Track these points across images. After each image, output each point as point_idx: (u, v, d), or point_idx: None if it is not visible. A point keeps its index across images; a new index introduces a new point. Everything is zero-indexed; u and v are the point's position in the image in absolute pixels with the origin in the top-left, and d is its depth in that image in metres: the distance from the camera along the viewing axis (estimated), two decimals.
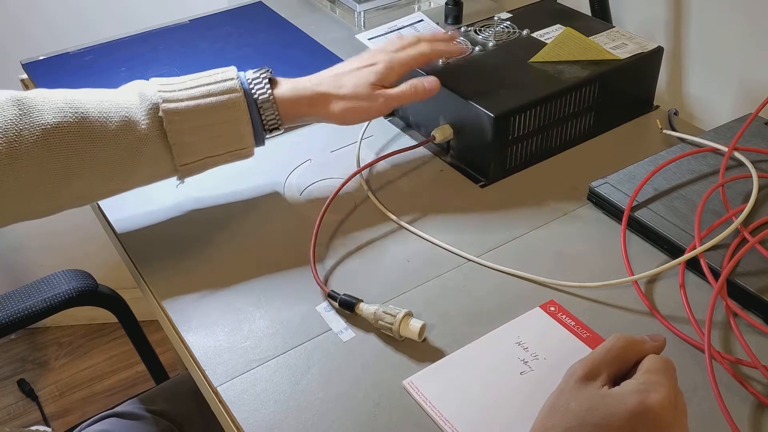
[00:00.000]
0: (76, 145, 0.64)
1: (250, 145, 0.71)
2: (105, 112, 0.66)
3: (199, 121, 0.68)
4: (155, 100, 0.67)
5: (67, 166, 0.64)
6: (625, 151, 0.84)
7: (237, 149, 0.71)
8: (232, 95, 0.69)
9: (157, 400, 0.91)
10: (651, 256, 0.70)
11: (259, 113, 0.70)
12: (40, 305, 0.93)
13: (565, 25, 0.91)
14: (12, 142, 0.62)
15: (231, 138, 0.70)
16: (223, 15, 1.13)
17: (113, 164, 0.66)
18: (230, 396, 0.58)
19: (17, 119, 0.63)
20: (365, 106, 0.73)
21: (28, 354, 1.78)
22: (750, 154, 0.77)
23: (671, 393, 0.44)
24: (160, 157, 0.68)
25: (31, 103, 0.64)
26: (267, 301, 0.67)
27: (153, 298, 0.69)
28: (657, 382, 0.45)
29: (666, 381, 0.45)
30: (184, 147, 0.68)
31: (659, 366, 0.46)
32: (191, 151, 0.69)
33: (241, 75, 0.71)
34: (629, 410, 0.43)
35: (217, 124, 0.68)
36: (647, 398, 0.43)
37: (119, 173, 0.67)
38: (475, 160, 0.81)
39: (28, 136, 0.63)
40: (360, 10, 1.09)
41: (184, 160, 0.69)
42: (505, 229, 0.74)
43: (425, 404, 0.57)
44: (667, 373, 0.46)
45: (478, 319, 0.64)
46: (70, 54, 1.03)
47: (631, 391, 0.44)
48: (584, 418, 0.44)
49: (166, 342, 0.81)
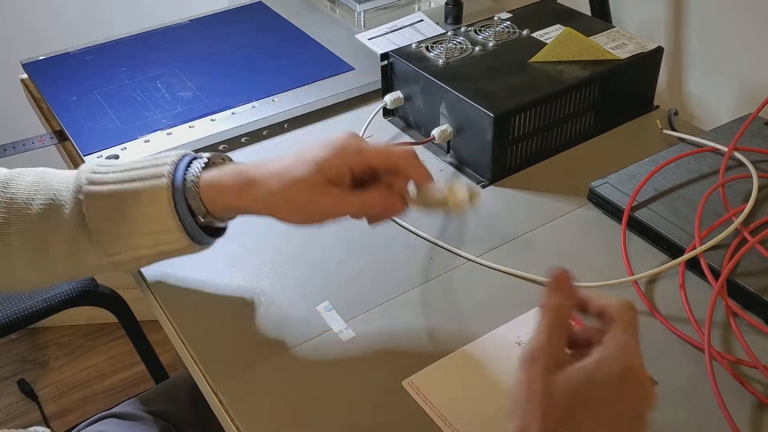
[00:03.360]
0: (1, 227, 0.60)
1: (178, 240, 0.60)
2: (32, 194, 0.61)
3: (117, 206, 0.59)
4: (82, 182, 0.60)
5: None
6: (625, 151, 0.84)
7: (165, 244, 0.60)
8: (156, 181, 0.59)
9: (155, 400, 0.91)
10: (651, 256, 0.70)
11: (186, 200, 0.59)
12: (40, 305, 0.93)
13: (565, 25, 0.91)
14: None
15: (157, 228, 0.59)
16: (223, 15, 1.13)
17: (38, 247, 0.60)
18: (230, 396, 0.58)
19: None
20: (307, 200, 0.58)
21: (28, 354, 1.78)
22: (750, 154, 0.77)
23: (637, 348, 0.45)
24: (82, 245, 0.60)
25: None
26: (267, 301, 0.67)
27: (153, 298, 0.69)
28: (626, 343, 0.44)
29: (633, 338, 0.45)
30: (104, 234, 0.60)
31: (624, 322, 0.46)
32: (113, 240, 0.60)
33: (182, 161, 0.61)
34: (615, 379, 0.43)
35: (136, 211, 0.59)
36: (626, 363, 0.43)
37: (45, 258, 0.61)
38: (475, 160, 0.81)
39: None
40: (360, 10, 1.09)
41: (108, 249, 0.60)
42: (505, 229, 0.74)
43: (425, 404, 0.57)
44: (632, 326, 0.46)
45: (478, 319, 0.64)
46: (70, 54, 1.03)
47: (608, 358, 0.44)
48: (572, 398, 0.43)
49: (166, 342, 0.81)
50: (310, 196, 0.58)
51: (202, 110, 0.90)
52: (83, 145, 0.84)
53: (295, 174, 0.58)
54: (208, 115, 0.89)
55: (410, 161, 0.60)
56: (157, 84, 0.95)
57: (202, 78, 0.96)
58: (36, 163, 1.16)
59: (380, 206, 0.60)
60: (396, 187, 0.60)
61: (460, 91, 0.79)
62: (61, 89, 0.95)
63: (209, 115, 0.89)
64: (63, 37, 1.12)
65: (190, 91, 0.94)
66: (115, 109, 0.90)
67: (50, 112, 0.93)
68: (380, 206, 0.60)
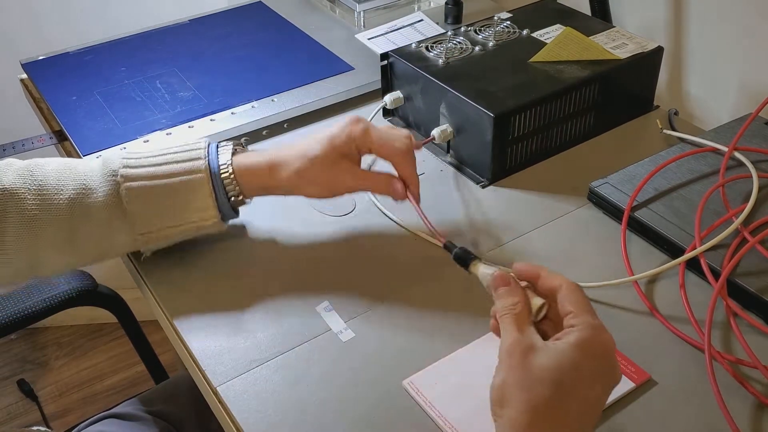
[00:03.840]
0: (31, 212, 0.63)
1: (212, 218, 0.67)
2: (63, 179, 0.65)
3: (157, 187, 0.65)
4: (116, 167, 0.66)
5: (23, 233, 0.63)
6: (625, 151, 0.84)
7: (198, 221, 0.67)
8: (196, 162, 0.66)
9: (155, 400, 0.91)
10: (651, 256, 0.70)
11: (224, 187, 0.67)
12: (40, 305, 0.93)
13: (565, 25, 0.91)
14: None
15: (193, 208, 0.66)
16: (223, 15, 1.13)
17: (68, 233, 0.64)
18: (230, 396, 0.58)
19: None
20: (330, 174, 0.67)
21: (28, 354, 1.78)
22: (750, 154, 0.77)
23: (604, 326, 0.48)
24: (116, 225, 0.65)
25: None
26: (267, 301, 0.67)
27: (153, 298, 0.69)
28: (595, 324, 0.48)
29: (597, 317, 0.48)
30: (140, 215, 0.65)
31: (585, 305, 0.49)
32: (149, 220, 0.66)
33: (210, 147, 0.68)
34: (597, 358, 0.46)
35: (175, 191, 0.66)
36: (602, 341, 0.47)
37: (73, 243, 0.65)
38: (475, 160, 0.81)
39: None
40: (360, 10, 1.09)
41: (141, 228, 0.66)
42: (505, 229, 0.74)
43: (425, 404, 0.57)
44: (591, 307, 0.49)
45: (478, 319, 0.64)
46: (70, 54, 1.03)
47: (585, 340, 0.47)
48: (557, 379, 0.45)
49: (166, 342, 0.81)
50: (328, 170, 0.67)
51: (202, 110, 0.90)
52: (83, 145, 0.84)
53: (313, 152, 0.67)
54: (207, 115, 0.89)
55: (403, 159, 0.68)
56: (156, 84, 0.95)
57: (201, 78, 0.96)
58: None
59: (386, 188, 0.68)
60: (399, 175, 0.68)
61: (460, 91, 0.79)
62: (60, 89, 0.95)
63: (209, 115, 0.89)
64: (63, 37, 1.12)
65: (189, 91, 0.94)
66: (114, 109, 0.90)
67: (50, 112, 0.93)
68: (386, 188, 0.68)
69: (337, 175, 0.67)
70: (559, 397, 0.45)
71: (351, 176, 0.68)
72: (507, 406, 0.46)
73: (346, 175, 0.68)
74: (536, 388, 0.45)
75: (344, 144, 0.67)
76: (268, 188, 0.69)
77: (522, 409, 0.45)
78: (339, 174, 0.67)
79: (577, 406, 0.45)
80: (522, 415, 0.45)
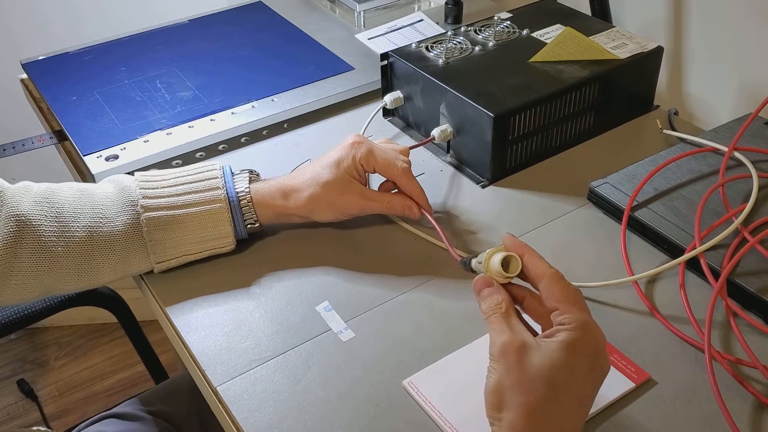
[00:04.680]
0: (47, 239, 0.64)
1: (229, 243, 0.70)
2: (80, 208, 0.66)
3: (177, 217, 0.67)
4: (134, 197, 0.67)
5: (39, 260, 0.64)
6: (625, 151, 0.84)
7: (217, 248, 0.69)
8: (215, 192, 0.68)
9: (155, 400, 0.91)
10: (651, 256, 0.70)
11: (242, 215, 0.69)
12: (40, 305, 0.93)
13: (565, 25, 0.91)
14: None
15: (211, 236, 0.68)
16: (223, 15, 1.13)
17: (86, 261, 0.65)
18: (230, 396, 0.58)
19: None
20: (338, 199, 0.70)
21: (27, 354, 1.78)
22: (750, 154, 0.77)
23: (594, 321, 0.49)
24: (133, 254, 0.67)
25: (11, 194, 0.65)
26: (267, 301, 0.67)
27: (153, 298, 0.69)
28: (586, 320, 0.48)
29: (587, 312, 0.48)
30: (159, 244, 0.67)
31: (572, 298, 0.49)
32: (168, 249, 0.67)
33: (226, 174, 0.70)
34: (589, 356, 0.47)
35: (194, 221, 0.67)
36: (593, 338, 0.48)
37: (90, 271, 0.66)
38: (475, 160, 0.81)
39: (2, 227, 0.62)
40: (360, 10, 1.09)
41: (159, 257, 0.67)
42: (505, 229, 0.74)
43: (425, 404, 0.57)
44: (580, 301, 0.49)
45: (478, 319, 0.64)
46: (70, 54, 1.03)
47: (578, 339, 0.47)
48: (552, 380, 0.46)
49: (166, 342, 0.81)
50: (340, 194, 0.69)
51: (202, 110, 0.90)
52: (83, 145, 0.84)
53: (324, 178, 0.69)
54: (207, 115, 0.89)
55: (407, 179, 0.71)
56: (156, 84, 0.95)
57: (201, 78, 0.96)
58: (36, 163, 1.16)
59: (400, 209, 0.71)
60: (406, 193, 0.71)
61: (460, 91, 0.79)
62: (60, 89, 0.95)
63: (209, 115, 0.89)
64: (63, 37, 1.12)
65: (189, 91, 0.94)
66: (114, 109, 0.90)
67: (50, 112, 0.93)
68: (400, 209, 0.71)
69: (349, 199, 0.70)
70: (555, 398, 0.45)
71: (362, 198, 0.70)
72: (506, 409, 0.46)
73: (358, 197, 0.70)
74: (533, 390, 0.45)
75: (351, 167, 0.69)
76: (283, 215, 0.71)
77: (521, 413, 0.45)
78: (351, 197, 0.70)
79: (571, 403, 0.46)
80: (521, 418, 0.45)
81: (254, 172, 0.73)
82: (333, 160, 0.70)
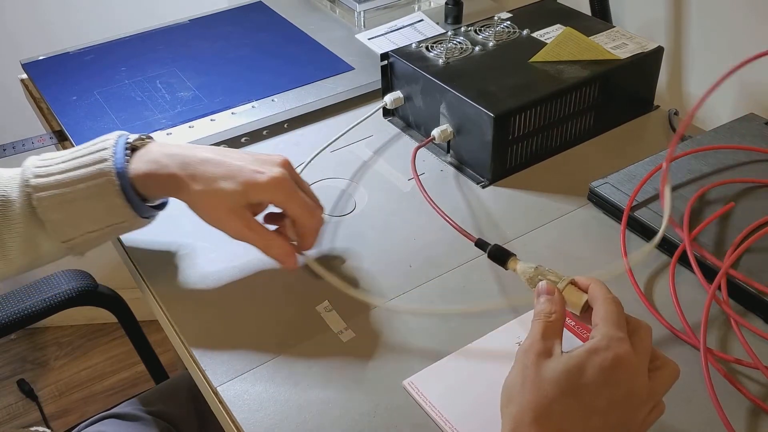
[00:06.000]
0: None
1: (128, 217, 0.64)
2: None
3: (66, 195, 0.62)
4: (27, 176, 0.63)
5: None
6: (625, 151, 0.84)
7: (115, 223, 0.64)
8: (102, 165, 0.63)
9: (155, 400, 0.91)
10: (651, 256, 0.69)
11: (133, 187, 0.63)
12: (40, 305, 0.93)
13: (565, 25, 0.91)
14: None
15: (105, 211, 0.63)
16: (223, 15, 1.13)
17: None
18: (230, 396, 0.58)
19: None
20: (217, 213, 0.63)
21: (27, 354, 1.78)
22: (750, 153, 0.77)
23: (627, 342, 0.47)
24: (37, 235, 0.64)
25: None
26: (267, 301, 0.67)
27: (153, 298, 0.69)
28: (615, 337, 0.47)
29: (621, 331, 0.48)
30: (57, 224, 0.63)
31: (611, 316, 0.48)
32: (67, 228, 0.64)
33: (120, 141, 0.64)
34: (603, 368, 0.46)
35: (85, 197, 0.63)
36: (614, 354, 0.46)
37: (1, 251, 0.64)
38: (475, 160, 0.81)
39: None
40: (360, 10, 1.09)
41: (62, 236, 0.64)
42: (505, 229, 0.74)
43: (425, 404, 0.57)
44: (619, 319, 0.49)
45: (478, 319, 0.64)
46: (70, 54, 1.03)
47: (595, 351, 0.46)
48: (560, 379, 0.46)
49: (166, 342, 0.81)
50: (226, 212, 0.63)
51: (202, 110, 0.90)
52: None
53: (221, 186, 0.62)
54: (207, 115, 0.89)
55: (311, 233, 0.66)
56: (156, 84, 0.95)
57: (201, 78, 0.96)
58: None
59: (276, 255, 0.65)
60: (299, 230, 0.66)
61: (460, 91, 0.79)
62: (60, 89, 0.95)
63: (209, 115, 0.89)
64: (63, 37, 1.12)
65: (189, 91, 0.94)
66: (114, 109, 0.90)
67: (50, 112, 0.93)
68: (276, 255, 0.65)
69: (232, 223, 0.63)
70: (561, 399, 0.45)
71: (247, 228, 0.64)
72: (511, 403, 0.47)
73: (242, 225, 0.63)
74: (540, 389, 0.45)
75: (260, 199, 0.64)
76: (170, 195, 0.65)
77: (525, 408, 0.45)
78: (235, 222, 0.63)
79: (579, 410, 0.45)
80: (524, 413, 0.45)
81: (149, 136, 0.67)
82: (246, 178, 0.62)
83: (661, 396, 0.49)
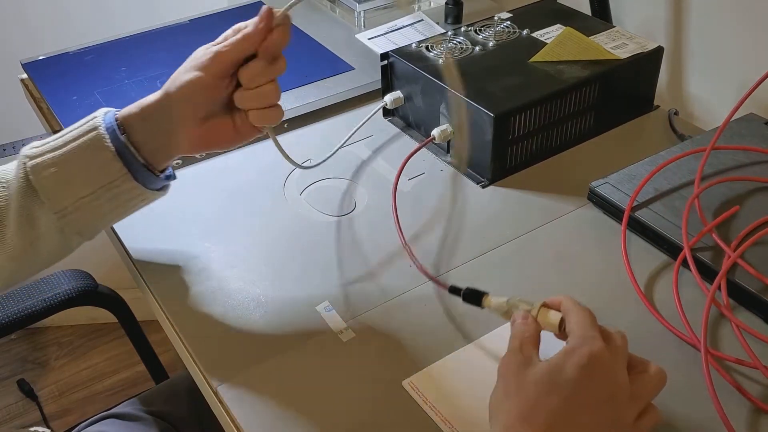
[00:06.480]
0: None
1: (119, 174, 0.63)
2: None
3: (58, 157, 0.64)
4: (23, 152, 0.65)
5: None
6: (625, 151, 0.84)
7: (108, 182, 0.64)
8: (92, 122, 0.64)
9: (155, 400, 0.91)
10: (651, 256, 0.69)
11: (127, 147, 0.64)
12: (40, 305, 0.93)
13: (565, 25, 0.91)
14: None
15: (97, 168, 0.63)
16: (223, 15, 1.13)
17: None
18: (230, 396, 0.58)
19: None
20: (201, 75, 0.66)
21: (28, 354, 1.78)
22: (750, 154, 0.77)
23: (601, 341, 0.49)
24: (31, 207, 0.64)
25: None
26: (267, 301, 0.67)
27: (153, 298, 0.69)
28: (588, 336, 0.49)
29: (593, 331, 0.50)
30: (50, 189, 0.63)
31: (583, 321, 0.51)
32: (59, 192, 0.64)
33: (108, 113, 0.65)
34: (580, 365, 0.47)
35: (77, 156, 0.64)
36: (589, 350, 0.48)
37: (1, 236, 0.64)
38: (475, 159, 0.81)
39: None
40: (360, 10, 1.09)
41: (55, 205, 0.64)
42: (505, 229, 0.74)
43: (425, 404, 0.57)
44: (591, 323, 0.51)
45: (478, 319, 0.64)
46: (70, 54, 1.03)
47: (571, 351, 0.49)
48: (541, 380, 0.47)
49: (166, 342, 0.80)
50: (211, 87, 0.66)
51: None
52: None
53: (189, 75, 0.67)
54: None
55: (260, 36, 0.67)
56: (157, 84, 0.95)
57: None
58: None
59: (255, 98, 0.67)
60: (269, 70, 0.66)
61: (459, 92, 0.79)
62: (60, 89, 0.95)
63: None
64: (63, 37, 1.12)
65: None
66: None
67: (50, 112, 0.93)
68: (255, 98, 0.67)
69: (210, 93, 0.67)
70: (545, 398, 0.47)
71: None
72: (499, 413, 0.48)
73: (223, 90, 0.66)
74: (524, 392, 0.47)
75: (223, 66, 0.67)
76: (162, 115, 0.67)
77: (512, 412, 0.47)
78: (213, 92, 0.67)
79: (564, 407, 0.47)
80: (512, 416, 0.47)
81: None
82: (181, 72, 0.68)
83: (647, 399, 0.50)
